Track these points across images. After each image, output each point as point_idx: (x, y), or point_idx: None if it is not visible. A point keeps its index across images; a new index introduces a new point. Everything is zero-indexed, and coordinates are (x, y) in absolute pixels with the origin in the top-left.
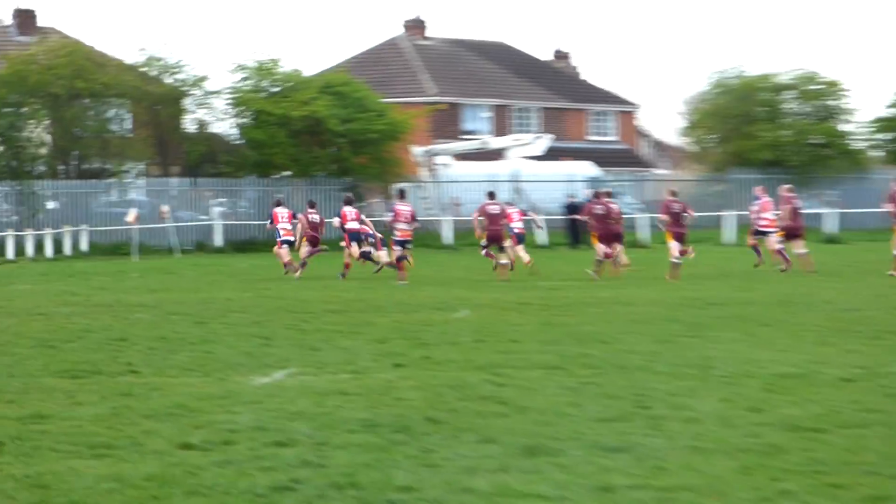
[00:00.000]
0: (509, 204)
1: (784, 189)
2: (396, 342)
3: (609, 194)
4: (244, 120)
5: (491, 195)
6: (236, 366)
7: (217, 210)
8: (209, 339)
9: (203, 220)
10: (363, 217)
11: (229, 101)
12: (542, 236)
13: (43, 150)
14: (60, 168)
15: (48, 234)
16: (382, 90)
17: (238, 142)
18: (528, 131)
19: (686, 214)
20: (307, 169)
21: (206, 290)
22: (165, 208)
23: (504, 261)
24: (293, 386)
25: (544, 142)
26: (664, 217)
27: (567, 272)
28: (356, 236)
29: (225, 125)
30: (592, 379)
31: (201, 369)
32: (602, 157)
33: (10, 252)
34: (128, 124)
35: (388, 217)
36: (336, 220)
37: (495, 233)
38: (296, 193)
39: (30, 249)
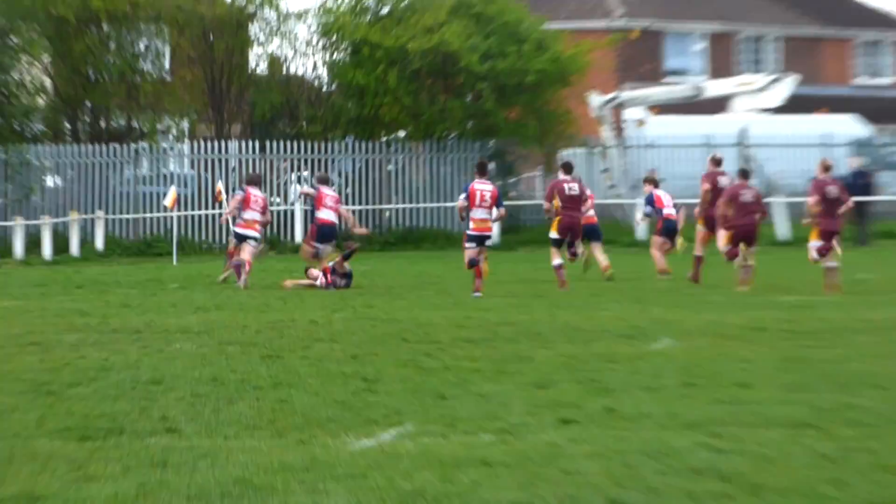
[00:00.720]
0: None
1: None
2: (564, 387)
3: (745, 174)
4: (338, 56)
5: (566, 167)
6: (324, 422)
7: (297, 189)
8: (284, 381)
9: (276, 203)
10: (341, 205)
11: (316, 29)
12: (782, 229)
13: (40, 100)
14: (66, 127)
15: (47, 225)
16: (544, 11)
17: (329, 88)
18: (761, 71)
19: (842, 201)
20: (431, 127)
21: (278, 309)
22: (221, 187)
23: (557, 261)
24: (409, 452)
25: (786, 86)
26: (813, 203)
27: (820, 282)
28: (331, 231)
29: (310, 64)
30: (862, 443)
31: (272, 427)
32: (875, 109)
33: None
34: (167, 63)
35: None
36: (307, 189)
37: (570, 222)
38: (412, 164)
39: (19, 247)
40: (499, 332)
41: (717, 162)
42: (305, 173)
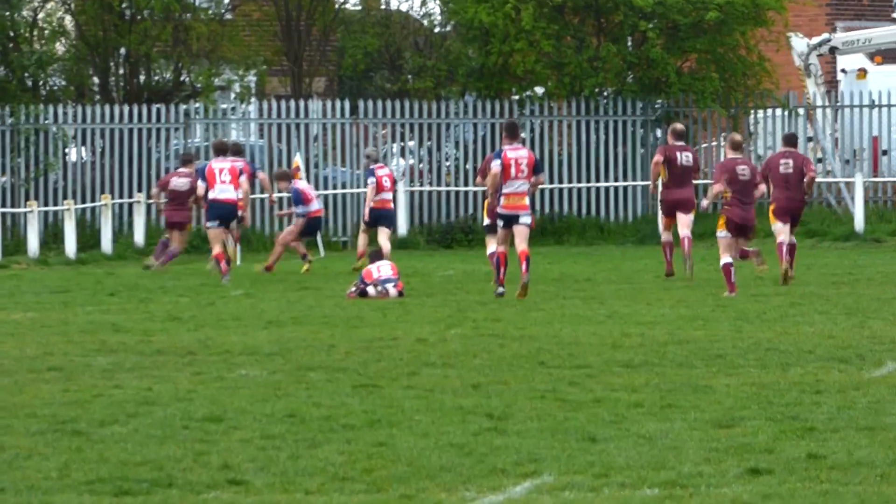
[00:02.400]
0: None
1: None
2: (753, 425)
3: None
4: None
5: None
6: (436, 471)
7: (400, 164)
8: (383, 418)
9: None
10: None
11: None
12: None
13: (59, 46)
14: (94, 82)
15: (70, 213)
16: None
17: (443, 30)
18: None
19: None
20: (578, 82)
21: (375, 323)
22: (299, 161)
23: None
24: None
25: None
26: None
27: None
28: (225, 210)
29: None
30: None
31: (366, 478)
32: None
33: None
34: None
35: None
36: (200, 186)
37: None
38: (553, 130)
39: (33, 241)
40: (667, 354)
41: (677, 134)
42: (412, 143)
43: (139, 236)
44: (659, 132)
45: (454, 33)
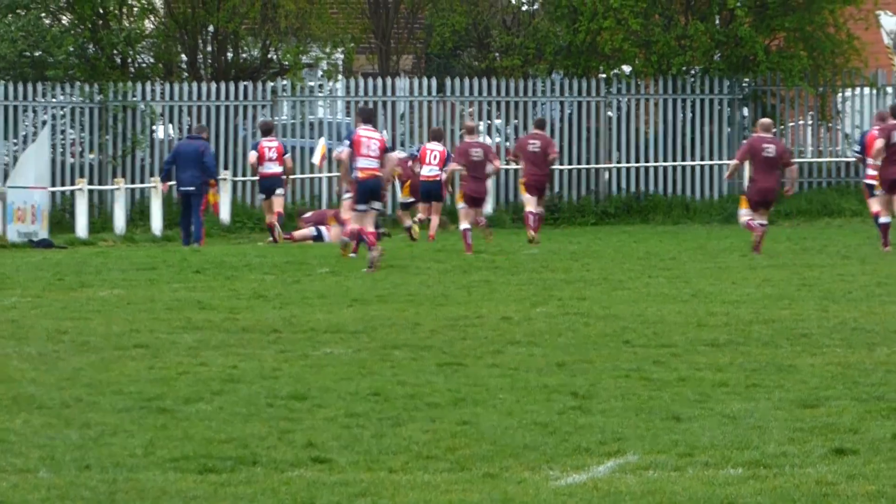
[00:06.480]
0: None
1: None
2: (838, 405)
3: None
4: None
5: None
6: (520, 450)
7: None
8: (467, 396)
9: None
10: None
11: None
12: None
13: (148, 24)
14: (182, 59)
15: (156, 190)
16: None
17: (531, 8)
18: None
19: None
20: (666, 60)
21: (461, 301)
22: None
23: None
24: (632, 490)
25: None
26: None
27: None
28: (269, 183)
29: None
30: None
31: (451, 456)
32: None
33: (81, 223)
34: None
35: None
36: (252, 156)
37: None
38: (640, 108)
39: (120, 218)
40: (751, 333)
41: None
42: (499, 121)
43: (224, 214)
44: (746, 111)
45: (542, 11)
